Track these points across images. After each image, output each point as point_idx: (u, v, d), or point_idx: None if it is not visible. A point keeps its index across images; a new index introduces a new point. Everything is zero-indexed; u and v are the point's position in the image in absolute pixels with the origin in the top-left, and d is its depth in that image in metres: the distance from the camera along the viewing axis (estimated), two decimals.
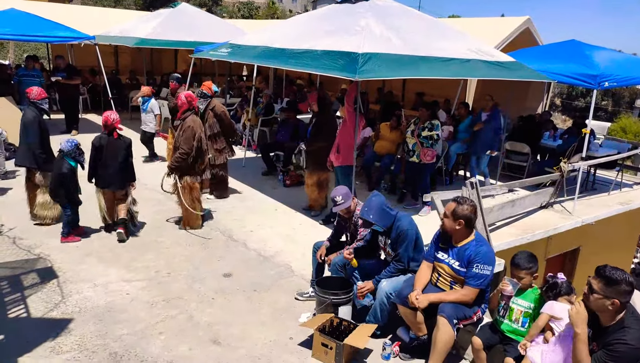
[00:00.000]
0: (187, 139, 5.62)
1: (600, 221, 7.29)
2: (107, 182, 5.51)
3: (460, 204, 3.49)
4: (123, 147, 5.53)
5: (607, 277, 2.62)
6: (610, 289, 2.61)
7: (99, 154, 5.43)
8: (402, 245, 3.90)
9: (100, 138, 5.43)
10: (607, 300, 2.61)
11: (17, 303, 4.22)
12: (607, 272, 2.63)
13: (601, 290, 2.63)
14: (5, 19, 9.79)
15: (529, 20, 11.54)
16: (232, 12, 45.67)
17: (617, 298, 2.59)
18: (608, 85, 7.00)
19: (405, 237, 3.89)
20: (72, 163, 5.40)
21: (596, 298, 2.65)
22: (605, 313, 2.67)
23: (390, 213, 3.96)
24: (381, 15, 6.33)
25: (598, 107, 32.14)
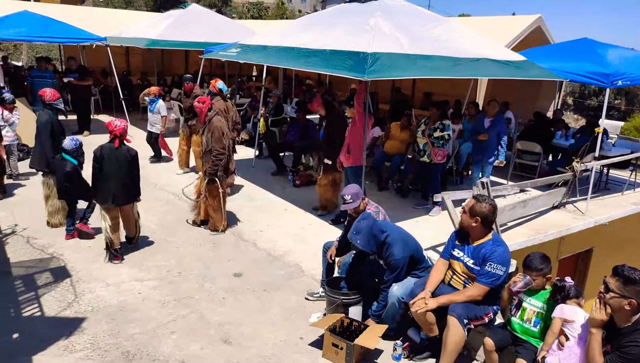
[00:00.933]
0: (218, 139, 5.57)
1: (614, 221, 7.20)
2: (104, 198, 5.01)
3: (479, 201, 3.49)
4: (126, 158, 5.04)
5: (625, 276, 2.59)
6: (628, 288, 2.58)
7: (99, 166, 4.95)
8: (391, 274, 3.82)
9: (102, 147, 4.96)
10: (624, 299, 2.59)
11: (31, 302, 4.28)
12: (626, 271, 2.61)
13: (618, 289, 2.60)
14: (19, 21, 9.93)
15: (540, 18, 11.45)
16: (241, 13, 45.83)
17: (635, 298, 2.56)
18: (621, 83, 6.90)
19: (395, 267, 3.79)
20: (74, 161, 5.41)
21: (612, 296, 2.62)
22: (621, 313, 2.64)
23: (379, 238, 3.81)
24: (390, 14, 6.31)
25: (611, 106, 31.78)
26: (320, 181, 6.62)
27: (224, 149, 5.61)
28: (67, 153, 5.40)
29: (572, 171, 6.82)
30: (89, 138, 10.37)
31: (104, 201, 5.02)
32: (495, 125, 7.26)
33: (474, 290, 3.46)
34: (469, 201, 3.57)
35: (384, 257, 3.86)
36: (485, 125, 7.36)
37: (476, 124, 7.54)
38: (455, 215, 5.35)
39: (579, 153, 7.54)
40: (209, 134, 5.66)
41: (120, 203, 5.08)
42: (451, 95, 10.85)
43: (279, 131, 10.18)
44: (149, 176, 8.11)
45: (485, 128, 7.30)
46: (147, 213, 6.44)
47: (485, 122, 7.39)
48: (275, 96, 10.49)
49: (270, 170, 8.57)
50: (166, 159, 9.01)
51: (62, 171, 5.35)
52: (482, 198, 3.54)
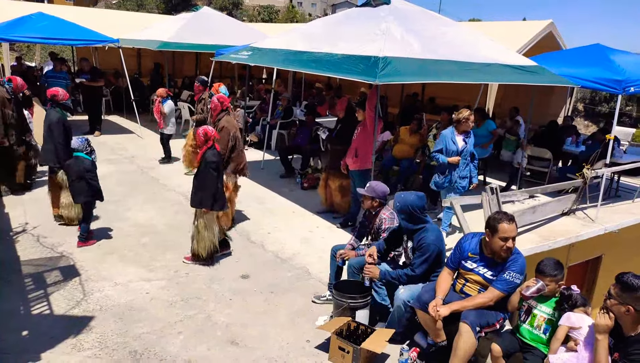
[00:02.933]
0: (222, 140, 5.58)
1: (624, 229, 7.12)
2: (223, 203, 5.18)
3: (513, 221, 3.39)
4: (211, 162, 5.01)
5: (623, 282, 2.63)
6: (626, 295, 2.60)
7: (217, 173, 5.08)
8: (419, 257, 3.84)
9: (214, 154, 5.03)
10: (623, 306, 2.61)
11: (40, 300, 4.31)
12: (626, 278, 2.63)
13: (617, 295, 2.64)
14: (33, 23, 10.05)
15: (551, 24, 11.38)
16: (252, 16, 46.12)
17: (632, 305, 2.58)
18: (634, 90, 6.85)
19: (425, 250, 3.81)
20: (87, 157, 5.38)
21: (613, 303, 2.65)
22: (624, 320, 2.65)
23: (418, 217, 3.88)
24: (402, 18, 6.32)
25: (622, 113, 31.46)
26: (328, 184, 6.63)
27: (225, 151, 5.65)
28: (79, 151, 5.38)
29: (583, 178, 6.77)
30: (99, 138, 10.49)
31: (223, 206, 5.17)
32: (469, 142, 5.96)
33: (487, 295, 3.43)
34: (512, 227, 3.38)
35: (418, 238, 3.86)
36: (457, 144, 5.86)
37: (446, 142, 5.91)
38: (464, 221, 5.33)
39: (590, 160, 7.48)
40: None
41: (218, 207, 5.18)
42: (461, 100, 10.82)
43: (288, 133, 10.22)
44: (159, 177, 8.16)
45: (456, 148, 5.84)
46: (157, 214, 6.50)
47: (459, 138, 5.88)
48: (285, 99, 10.52)
49: (279, 172, 8.59)
50: (176, 160, 9.06)
51: (77, 169, 5.26)
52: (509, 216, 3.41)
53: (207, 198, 4.96)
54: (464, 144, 5.88)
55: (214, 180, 4.97)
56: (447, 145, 5.85)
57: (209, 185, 4.96)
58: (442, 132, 6.05)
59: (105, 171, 7.93)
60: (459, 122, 5.85)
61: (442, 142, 5.92)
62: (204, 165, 4.96)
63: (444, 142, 5.89)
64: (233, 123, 5.83)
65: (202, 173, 4.99)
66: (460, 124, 5.84)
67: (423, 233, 3.88)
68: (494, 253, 3.45)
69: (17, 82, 6.93)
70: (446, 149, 5.85)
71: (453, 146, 5.84)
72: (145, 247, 5.52)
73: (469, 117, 5.83)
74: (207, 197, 4.96)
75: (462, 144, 5.87)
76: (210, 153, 4.98)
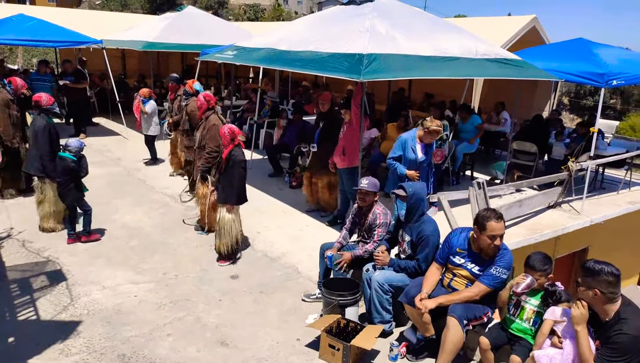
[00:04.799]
0: (212, 137, 5.58)
1: (610, 220, 7.22)
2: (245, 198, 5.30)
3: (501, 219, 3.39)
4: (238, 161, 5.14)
5: (586, 268, 2.74)
6: (591, 280, 2.71)
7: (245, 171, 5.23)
8: (422, 251, 3.88)
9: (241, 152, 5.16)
10: (590, 291, 2.71)
11: (26, 306, 4.26)
12: (588, 264, 2.74)
13: (583, 281, 2.75)
14: (14, 25, 9.91)
15: (535, 19, 11.48)
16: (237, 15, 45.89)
17: (598, 288, 2.68)
18: (616, 83, 6.93)
19: (427, 243, 3.86)
20: (72, 158, 5.35)
21: (582, 291, 2.76)
22: (596, 306, 2.75)
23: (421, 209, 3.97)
24: (386, 15, 6.32)
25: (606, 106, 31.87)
26: (315, 182, 6.63)
27: (217, 148, 5.62)
28: (67, 151, 5.35)
29: (568, 171, 6.84)
30: (85, 141, 10.36)
31: (243, 200, 5.26)
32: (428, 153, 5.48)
33: (473, 289, 3.47)
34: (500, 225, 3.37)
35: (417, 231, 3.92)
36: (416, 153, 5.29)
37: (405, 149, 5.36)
38: (451, 216, 5.35)
39: (574, 153, 7.56)
40: (205, 131, 5.69)
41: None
42: (447, 95, 10.87)
43: (277, 127, 10.18)
44: (146, 178, 8.10)
45: (415, 157, 5.27)
46: (144, 216, 6.45)
47: (419, 148, 5.33)
48: (269, 99, 10.50)
49: (267, 172, 8.57)
50: (162, 162, 8.99)
51: (62, 169, 5.32)
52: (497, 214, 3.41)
53: (233, 195, 5.12)
54: (422, 155, 5.30)
55: (242, 178, 5.14)
56: (406, 153, 5.22)
57: (237, 183, 5.10)
58: (402, 136, 5.31)
59: (92, 173, 7.79)
60: (428, 132, 5.25)
61: (399, 148, 5.26)
62: (233, 164, 5.07)
63: (401, 148, 5.25)
64: (222, 121, 5.82)
65: (230, 171, 5.10)
66: (428, 134, 5.28)
67: (421, 226, 3.93)
68: (481, 250, 3.47)
69: (17, 83, 6.84)
70: (404, 157, 5.24)
71: (412, 155, 5.22)
72: (133, 250, 5.48)
73: (439, 131, 5.31)
74: (232, 194, 5.12)
75: (421, 155, 5.28)
76: (239, 152, 5.09)
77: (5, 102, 6.53)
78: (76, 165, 5.39)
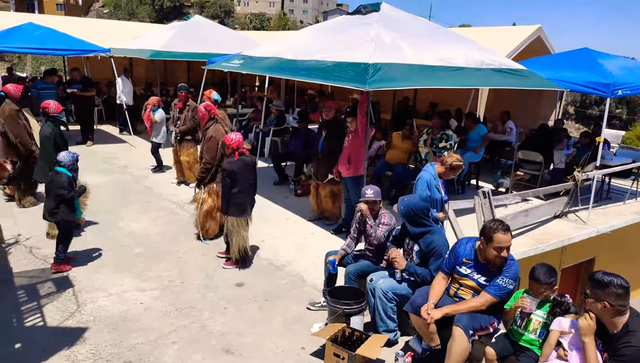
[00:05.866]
0: (209, 149, 5.67)
1: (616, 230, 7.19)
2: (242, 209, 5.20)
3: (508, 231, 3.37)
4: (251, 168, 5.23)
5: (595, 280, 2.71)
6: (599, 292, 2.68)
7: (231, 181, 5.10)
8: (436, 261, 3.87)
9: (229, 163, 5.10)
10: (599, 303, 2.68)
11: (33, 312, 4.29)
12: (597, 276, 2.72)
13: (592, 293, 2.72)
14: (24, 33, 10.04)
15: (540, 29, 11.52)
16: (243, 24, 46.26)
17: (607, 301, 2.65)
18: (622, 93, 6.94)
19: (439, 255, 3.86)
20: (69, 173, 5.06)
21: (590, 302, 2.73)
22: (605, 318, 2.72)
23: (422, 219, 3.92)
24: (392, 25, 6.37)
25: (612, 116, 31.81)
26: (319, 191, 6.64)
27: (213, 160, 5.70)
28: (61, 166, 5.06)
29: (574, 181, 6.83)
30: (92, 148, 10.46)
31: (242, 212, 5.22)
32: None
33: (480, 299, 3.46)
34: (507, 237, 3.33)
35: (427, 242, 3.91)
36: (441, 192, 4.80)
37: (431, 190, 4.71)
38: (457, 225, 5.36)
39: (580, 163, 7.55)
40: (203, 142, 5.82)
41: (251, 212, 5.35)
42: (452, 104, 10.90)
43: (281, 140, 10.24)
44: (153, 186, 8.15)
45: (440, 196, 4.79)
46: (151, 223, 6.48)
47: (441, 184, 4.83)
48: (275, 108, 10.56)
49: (273, 180, 8.60)
50: (168, 168, 9.04)
51: (58, 185, 4.93)
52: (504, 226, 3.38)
53: (223, 204, 5.22)
54: (445, 194, 4.90)
55: (226, 187, 5.16)
56: (433, 194, 4.69)
57: (224, 192, 5.21)
58: (422, 177, 4.77)
59: (98, 181, 7.91)
60: (450, 169, 4.76)
61: (426, 190, 4.66)
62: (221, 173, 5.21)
63: (425, 190, 4.67)
64: (222, 132, 5.87)
65: (223, 181, 5.23)
66: (451, 170, 4.78)
67: (431, 237, 3.92)
68: (488, 261, 3.47)
69: (10, 90, 6.75)
70: (432, 199, 4.66)
71: (438, 194, 4.75)
72: (139, 257, 5.50)
73: (461, 165, 4.77)
74: (223, 203, 5.22)
75: (444, 194, 4.88)
76: (227, 161, 5.16)
77: (14, 114, 6.50)
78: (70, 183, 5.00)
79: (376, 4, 6.77)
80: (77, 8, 58.43)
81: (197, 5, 60.13)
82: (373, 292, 4.04)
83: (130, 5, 57.59)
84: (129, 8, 56.76)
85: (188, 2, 61.49)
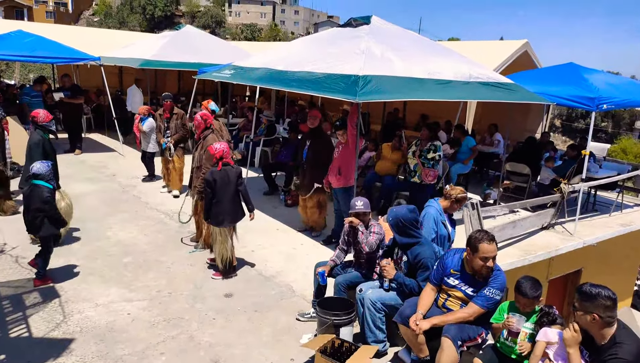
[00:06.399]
0: (210, 157, 5.64)
1: (602, 242, 7.28)
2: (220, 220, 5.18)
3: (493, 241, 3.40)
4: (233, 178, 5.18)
5: (583, 292, 2.74)
6: (588, 304, 2.71)
7: (212, 191, 5.13)
8: (422, 274, 3.89)
9: (212, 172, 5.15)
10: (588, 315, 2.71)
11: (18, 323, 4.22)
12: (584, 288, 2.75)
13: (580, 306, 2.74)
14: (13, 40, 9.98)
15: (527, 43, 11.73)
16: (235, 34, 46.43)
17: (596, 313, 2.68)
18: (607, 107, 7.07)
19: (426, 267, 3.88)
20: (49, 186, 4.86)
21: (579, 315, 2.75)
22: (593, 330, 2.74)
23: (410, 230, 3.95)
24: (382, 38, 6.45)
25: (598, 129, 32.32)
26: (305, 203, 6.62)
27: None
28: (40, 178, 4.80)
29: (560, 193, 6.92)
30: (80, 157, 10.38)
31: (219, 223, 5.20)
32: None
33: (467, 310, 3.48)
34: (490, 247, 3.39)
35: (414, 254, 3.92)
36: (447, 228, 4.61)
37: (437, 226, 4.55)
38: None
39: (566, 176, 7.66)
40: (202, 151, 5.72)
41: (234, 221, 5.33)
42: (441, 116, 11.01)
43: (271, 151, 10.26)
44: (141, 195, 8.10)
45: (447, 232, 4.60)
46: (139, 232, 6.44)
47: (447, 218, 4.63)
48: (265, 118, 10.59)
49: (262, 190, 8.59)
50: (159, 178, 9.00)
51: (39, 199, 4.71)
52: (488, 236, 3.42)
53: (206, 214, 5.25)
54: (452, 228, 4.68)
55: (207, 196, 5.17)
56: (440, 230, 4.54)
57: (205, 201, 5.23)
58: (428, 213, 4.55)
59: (86, 189, 7.84)
60: (455, 201, 4.57)
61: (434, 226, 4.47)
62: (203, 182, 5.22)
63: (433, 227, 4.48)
64: (221, 138, 5.87)
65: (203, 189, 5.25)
66: (456, 203, 4.60)
67: (419, 249, 3.94)
68: (475, 272, 3.50)
69: None
70: (438, 235, 4.52)
71: (444, 231, 4.57)
72: (126, 267, 5.46)
73: (465, 196, 4.63)
74: (206, 213, 5.24)
75: (451, 228, 4.66)
76: (210, 171, 5.22)
77: None
78: (51, 194, 4.84)
79: (367, 17, 6.86)
80: (67, 16, 58.27)
81: (188, 15, 60.33)
82: (362, 302, 4.05)
83: (121, 14, 57.60)
84: (120, 17, 56.76)
85: (179, 12, 61.67)
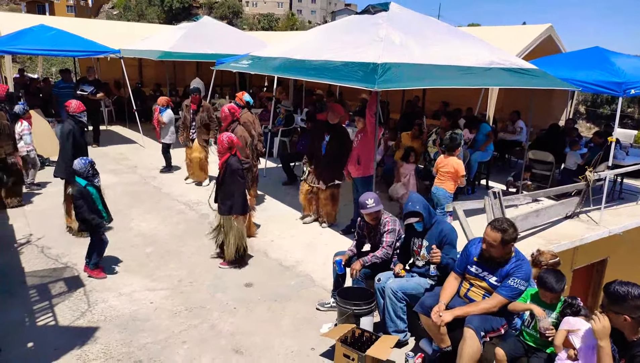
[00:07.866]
0: (241, 149, 5.65)
1: (629, 231, 7.10)
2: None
3: (504, 231, 3.34)
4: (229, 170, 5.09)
5: (610, 294, 2.60)
6: (617, 307, 2.57)
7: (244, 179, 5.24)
8: (451, 248, 3.88)
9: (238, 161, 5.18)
10: (619, 317, 2.58)
11: (45, 311, 4.33)
12: (612, 289, 2.60)
13: (610, 308, 2.60)
14: (35, 35, 10.13)
15: (551, 27, 11.39)
16: (252, 24, 46.41)
17: (627, 314, 2.56)
18: (634, 92, 6.85)
19: (452, 240, 3.90)
20: (82, 182, 4.92)
21: (610, 317, 2.62)
22: (624, 328, 2.63)
23: (431, 213, 4.01)
24: (400, 25, 6.34)
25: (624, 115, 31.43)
26: (320, 195, 6.55)
27: (246, 158, 5.69)
28: (77, 174, 4.96)
29: (585, 181, 6.76)
30: (102, 149, 10.55)
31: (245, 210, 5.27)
32: None
33: (491, 301, 3.43)
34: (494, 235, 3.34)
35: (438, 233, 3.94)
36: None
37: None
38: (467, 225, 5.32)
39: (592, 163, 7.47)
40: None
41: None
42: (462, 104, 10.83)
43: (290, 141, 10.25)
44: (162, 186, 8.19)
45: None
46: (160, 223, 6.52)
47: None
48: (283, 108, 10.58)
49: (281, 180, 8.60)
50: (177, 169, 9.08)
51: (75, 195, 4.88)
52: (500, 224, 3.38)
53: (238, 205, 5.11)
54: None
55: (241, 186, 5.12)
56: None
57: (238, 192, 5.09)
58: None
59: (108, 181, 7.96)
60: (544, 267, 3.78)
61: None
62: (230, 173, 5.05)
63: None
64: (247, 134, 5.90)
65: (228, 180, 5.07)
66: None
67: (439, 226, 3.96)
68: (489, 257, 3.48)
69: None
70: None
71: None
72: (149, 257, 5.53)
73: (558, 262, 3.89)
74: (237, 203, 5.10)
75: None
76: (235, 160, 5.09)
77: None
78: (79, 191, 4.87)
79: (385, 3, 6.74)
80: (87, 10, 59.04)
81: (205, 6, 60.46)
82: (382, 292, 4.03)
83: (140, 6, 58.05)
84: (139, 9, 57.23)
85: (197, 3, 61.83)
